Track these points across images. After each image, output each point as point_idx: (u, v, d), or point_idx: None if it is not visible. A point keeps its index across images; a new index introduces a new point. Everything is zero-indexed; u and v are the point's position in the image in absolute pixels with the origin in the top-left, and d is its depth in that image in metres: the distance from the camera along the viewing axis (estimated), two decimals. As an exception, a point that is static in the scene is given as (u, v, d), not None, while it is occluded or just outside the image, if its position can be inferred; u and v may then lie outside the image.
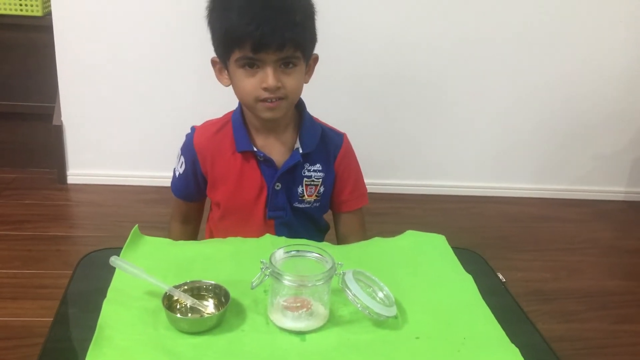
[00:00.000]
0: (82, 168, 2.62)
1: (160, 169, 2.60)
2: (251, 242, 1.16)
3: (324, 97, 1.29)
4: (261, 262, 0.91)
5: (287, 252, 0.95)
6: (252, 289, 0.91)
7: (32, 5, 2.46)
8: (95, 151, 2.60)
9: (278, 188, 1.22)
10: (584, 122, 2.74)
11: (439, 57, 2.55)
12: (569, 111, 2.71)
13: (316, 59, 1.20)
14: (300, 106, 1.23)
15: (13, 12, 2.47)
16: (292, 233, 1.23)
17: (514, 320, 1.00)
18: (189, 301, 0.93)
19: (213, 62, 1.19)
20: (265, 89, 1.09)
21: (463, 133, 2.72)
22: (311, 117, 1.26)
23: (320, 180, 1.24)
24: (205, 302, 0.94)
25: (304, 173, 1.23)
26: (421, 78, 2.58)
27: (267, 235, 1.18)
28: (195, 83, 2.40)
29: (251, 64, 1.09)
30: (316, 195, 1.25)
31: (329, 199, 1.30)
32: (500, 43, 2.55)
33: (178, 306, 0.93)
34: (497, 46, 2.56)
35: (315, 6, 1.13)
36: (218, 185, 1.25)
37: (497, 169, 2.82)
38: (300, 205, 1.25)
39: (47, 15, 2.43)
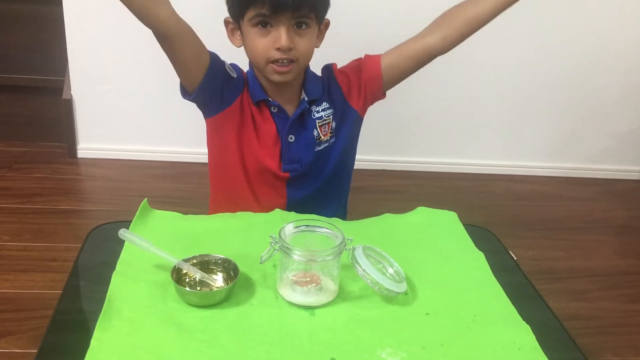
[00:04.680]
0: (92, 142, 2.61)
1: (170, 143, 2.60)
2: (260, 216, 1.16)
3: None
4: (270, 236, 0.90)
5: (297, 226, 0.94)
6: (261, 263, 0.91)
7: (41, -22, 2.44)
8: (105, 125, 2.59)
9: (291, 140, 1.23)
10: (598, 99, 2.70)
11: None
12: (582, 88, 2.67)
13: (327, 24, 1.21)
14: None
15: (22, -15, 2.46)
16: (303, 190, 1.26)
17: (525, 298, 0.99)
18: (197, 275, 0.93)
19: (226, 22, 1.20)
20: (278, 49, 1.10)
21: (475, 110, 2.69)
22: (313, 72, 1.26)
23: (331, 116, 1.25)
24: (214, 276, 0.94)
25: (314, 116, 1.23)
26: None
27: (277, 210, 1.18)
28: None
29: (264, 23, 1.10)
30: (330, 132, 1.26)
31: (345, 137, 1.29)
32: (511, 19, 2.49)
33: (187, 279, 0.93)
34: (508, 23, 2.50)
35: None
36: (232, 139, 1.22)
37: (509, 147, 2.79)
38: (321, 147, 1.25)
39: (57, -13, 2.42)
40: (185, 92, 1.18)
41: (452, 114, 2.69)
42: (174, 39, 1.09)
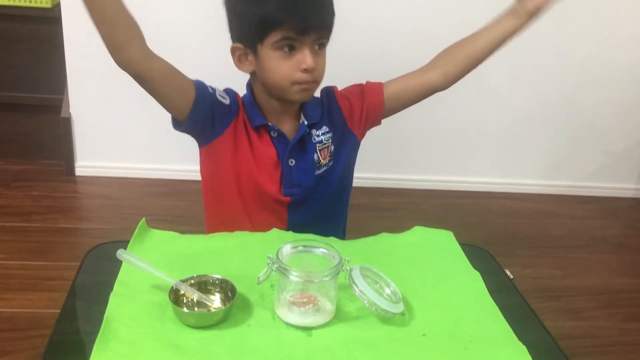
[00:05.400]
0: (90, 160, 2.62)
1: (168, 161, 2.61)
2: (258, 236, 1.16)
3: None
4: (268, 257, 0.91)
5: (294, 247, 0.94)
6: (258, 284, 0.91)
7: (41, -3, 2.47)
8: (103, 143, 2.60)
9: (292, 164, 1.23)
10: (593, 117, 2.72)
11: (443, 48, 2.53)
12: (578, 106, 2.69)
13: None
14: None
15: (22, 4, 2.47)
16: (304, 213, 1.25)
17: (521, 318, 0.99)
18: (195, 295, 0.93)
19: (233, 50, 1.19)
20: (304, 71, 1.12)
21: (471, 128, 2.70)
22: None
23: (330, 140, 1.26)
24: (211, 297, 0.94)
25: (314, 140, 1.24)
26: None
27: (274, 229, 1.18)
28: (205, 76, 2.38)
29: (291, 47, 1.11)
30: (329, 156, 1.26)
31: (343, 161, 1.29)
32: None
33: (184, 300, 0.93)
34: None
35: None
36: (227, 165, 1.22)
37: (505, 165, 2.80)
38: (321, 171, 1.26)
39: (56, 6, 2.43)
40: (177, 124, 1.19)
41: (448, 132, 2.71)
42: (148, 78, 1.13)
